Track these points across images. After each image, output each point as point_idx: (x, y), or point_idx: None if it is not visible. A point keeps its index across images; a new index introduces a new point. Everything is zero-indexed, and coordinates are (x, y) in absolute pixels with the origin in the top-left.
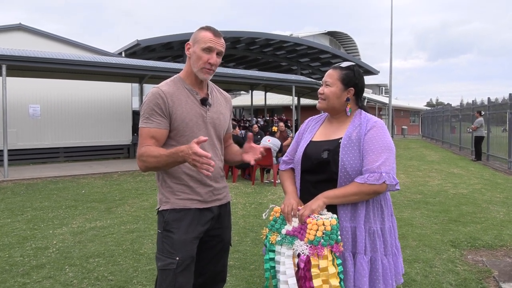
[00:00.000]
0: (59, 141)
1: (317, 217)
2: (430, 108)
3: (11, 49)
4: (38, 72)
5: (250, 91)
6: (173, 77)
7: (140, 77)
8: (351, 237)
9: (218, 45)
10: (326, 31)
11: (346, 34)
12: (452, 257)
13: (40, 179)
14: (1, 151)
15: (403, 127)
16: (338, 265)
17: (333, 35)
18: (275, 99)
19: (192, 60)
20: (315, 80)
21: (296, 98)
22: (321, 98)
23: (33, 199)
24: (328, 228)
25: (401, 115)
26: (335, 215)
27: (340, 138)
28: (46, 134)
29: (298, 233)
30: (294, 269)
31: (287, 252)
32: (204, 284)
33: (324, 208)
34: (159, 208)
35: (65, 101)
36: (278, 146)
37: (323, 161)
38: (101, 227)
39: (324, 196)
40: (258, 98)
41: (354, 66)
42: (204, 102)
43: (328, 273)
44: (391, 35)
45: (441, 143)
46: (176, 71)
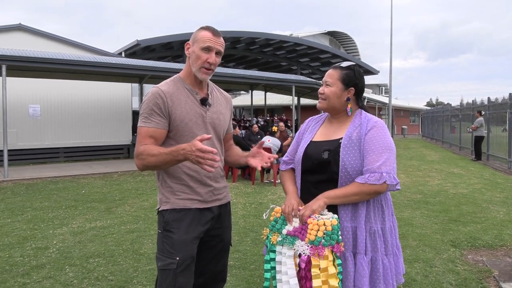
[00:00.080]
0: (59, 141)
1: (318, 217)
2: (430, 108)
3: (11, 49)
4: (38, 72)
5: (250, 91)
6: (173, 77)
7: (140, 77)
8: (352, 237)
9: (217, 45)
10: (326, 31)
11: (346, 34)
12: (452, 257)
13: (40, 179)
14: (1, 151)
15: (403, 127)
16: (338, 266)
17: (333, 35)
18: (275, 99)
19: (191, 60)
20: (315, 80)
21: (296, 98)
22: (322, 98)
23: (33, 199)
24: (329, 228)
25: (401, 115)
26: (336, 215)
27: (341, 138)
28: (46, 134)
29: (299, 233)
30: (295, 269)
31: (288, 253)
32: (204, 284)
33: (325, 208)
34: (159, 208)
35: (65, 101)
36: (278, 146)
37: (324, 161)
38: (101, 227)
39: (325, 196)
40: (258, 98)
41: (355, 66)
42: (204, 102)
43: (328, 273)
44: (391, 35)
45: (441, 143)
46: (176, 71)
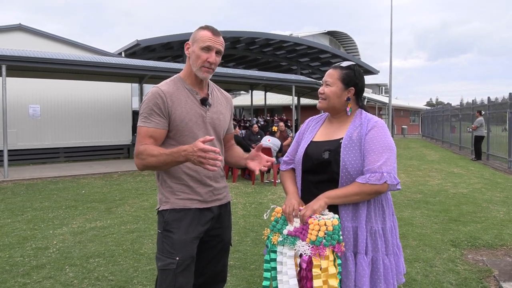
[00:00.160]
0: (59, 141)
1: (319, 217)
2: (430, 108)
3: (11, 49)
4: (38, 72)
5: (250, 91)
6: (173, 77)
7: (140, 77)
8: (353, 237)
9: (217, 44)
10: (326, 31)
11: (346, 34)
12: (453, 257)
13: (40, 179)
14: (1, 151)
15: (403, 127)
16: (338, 266)
17: (333, 35)
18: (275, 99)
19: (192, 60)
20: (315, 80)
21: (296, 98)
22: (322, 98)
23: (33, 199)
24: (330, 228)
25: (401, 115)
26: (337, 215)
27: (341, 138)
28: (46, 134)
29: (300, 234)
30: (296, 270)
31: (289, 253)
32: (205, 284)
33: (326, 208)
34: (159, 208)
35: (65, 101)
36: (278, 146)
37: (324, 161)
38: (101, 227)
39: (326, 196)
40: (258, 98)
41: (355, 66)
42: (204, 102)
43: (328, 274)
44: (391, 35)
45: (441, 143)
46: (176, 71)
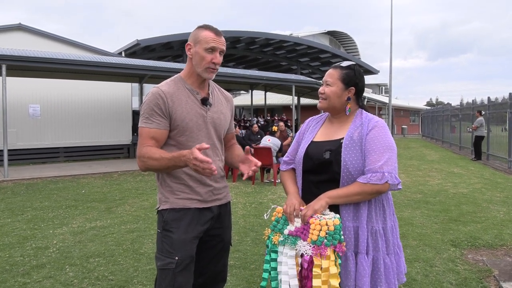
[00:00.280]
0: (59, 141)
1: (320, 217)
2: (430, 108)
3: (11, 49)
4: (38, 72)
5: (250, 91)
6: (174, 77)
7: (140, 77)
8: (354, 237)
9: (220, 44)
10: (326, 31)
11: (346, 34)
12: (453, 257)
13: (40, 179)
14: (1, 151)
15: (403, 127)
16: (339, 265)
17: (333, 35)
18: (275, 99)
19: (195, 61)
20: (315, 80)
21: (296, 98)
22: (322, 98)
23: (33, 199)
24: (332, 228)
25: (401, 115)
26: (338, 215)
27: (342, 138)
28: (46, 134)
29: (301, 234)
30: (297, 269)
31: (290, 253)
32: (205, 284)
33: (327, 208)
34: (159, 208)
35: (65, 101)
36: (278, 146)
37: (325, 161)
38: (101, 227)
39: (327, 196)
40: (258, 98)
41: (355, 66)
42: (205, 102)
43: (329, 273)
44: (391, 35)
45: (441, 143)
46: (176, 71)
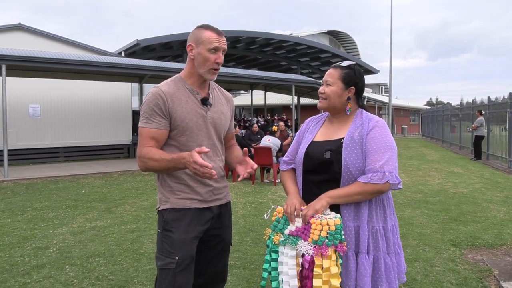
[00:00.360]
0: (59, 141)
1: (321, 217)
2: (430, 108)
3: (11, 49)
4: (38, 72)
5: (250, 91)
6: (174, 77)
7: (140, 77)
8: (354, 237)
9: (223, 44)
10: (326, 31)
11: (346, 34)
12: (453, 256)
13: (40, 179)
14: (1, 151)
15: (403, 126)
16: (340, 265)
17: (333, 35)
18: (275, 99)
19: (198, 62)
20: (315, 80)
21: (296, 98)
22: (322, 98)
23: (33, 199)
24: (333, 228)
25: (401, 115)
26: (339, 215)
27: (342, 138)
28: (46, 134)
29: (302, 233)
30: (297, 269)
31: (290, 253)
32: (205, 284)
33: (327, 208)
34: (159, 208)
35: (65, 101)
36: (278, 146)
37: (326, 161)
38: (102, 227)
39: (328, 196)
40: (258, 98)
41: (355, 65)
42: (205, 102)
43: (330, 273)
44: (391, 35)
45: (441, 142)
46: (176, 71)
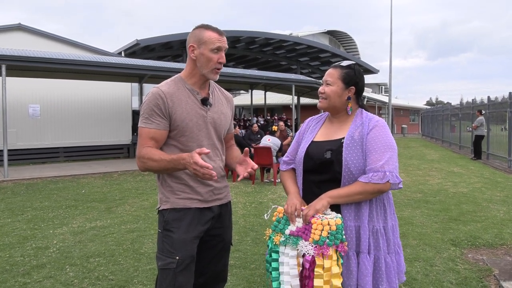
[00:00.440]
0: (59, 141)
1: (322, 217)
2: (430, 107)
3: (11, 49)
4: (38, 72)
5: (250, 91)
6: (174, 77)
7: (140, 77)
8: (355, 236)
9: (224, 43)
10: (326, 30)
11: (346, 33)
12: (453, 256)
13: (40, 179)
14: (1, 151)
15: (403, 126)
16: (341, 265)
17: (333, 34)
18: (275, 98)
19: (201, 62)
20: (315, 79)
21: (296, 97)
22: (322, 97)
23: (33, 199)
24: (334, 228)
25: (401, 114)
26: (340, 215)
27: (342, 138)
28: (46, 134)
29: (302, 234)
30: (298, 269)
31: (291, 253)
32: (205, 284)
33: (328, 208)
34: (159, 208)
35: (65, 101)
36: (278, 146)
37: (326, 161)
38: (102, 227)
39: (328, 196)
40: (258, 98)
41: (355, 65)
42: (205, 102)
43: (331, 273)
44: (391, 34)
45: (441, 142)
46: (176, 71)
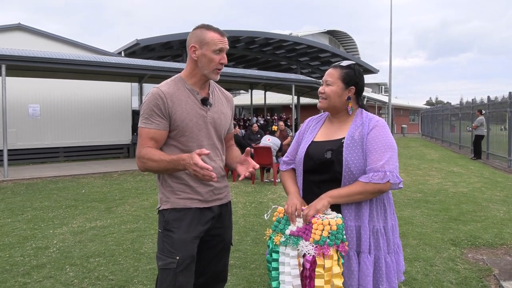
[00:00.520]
0: (59, 141)
1: (322, 217)
2: (430, 107)
3: (11, 49)
4: (38, 72)
5: (250, 90)
6: (174, 77)
7: (140, 77)
8: (356, 236)
9: (226, 44)
10: (326, 30)
11: (346, 33)
12: (453, 256)
13: (40, 179)
14: (1, 151)
15: (403, 126)
16: (342, 265)
17: (333, 34)
18: (275, 98)
19: (202, 63)
20: (315, 79)
21: (296, 97)
22: (322, 97)
23: (33, 199)
24: (334, 228)
25: (401, 114)
26: (340, 215)
27: (343, 138)
28: (46, 134)
29: (303, 234)
30: (299, 269)
31: (292, 253)
32: (205, 284)
33: (328, 208)
34: (160, 208)
35: (65, 101)
36: (278, 145)
37: (327, 161)
38: (102, 227)
39: (329, 196)
40: (258, 97)
41: (355, 65)
42: (205, 102)
43: (332, 273)
44: (391, 34)
45: (441, 142)
46: (176, 71)
